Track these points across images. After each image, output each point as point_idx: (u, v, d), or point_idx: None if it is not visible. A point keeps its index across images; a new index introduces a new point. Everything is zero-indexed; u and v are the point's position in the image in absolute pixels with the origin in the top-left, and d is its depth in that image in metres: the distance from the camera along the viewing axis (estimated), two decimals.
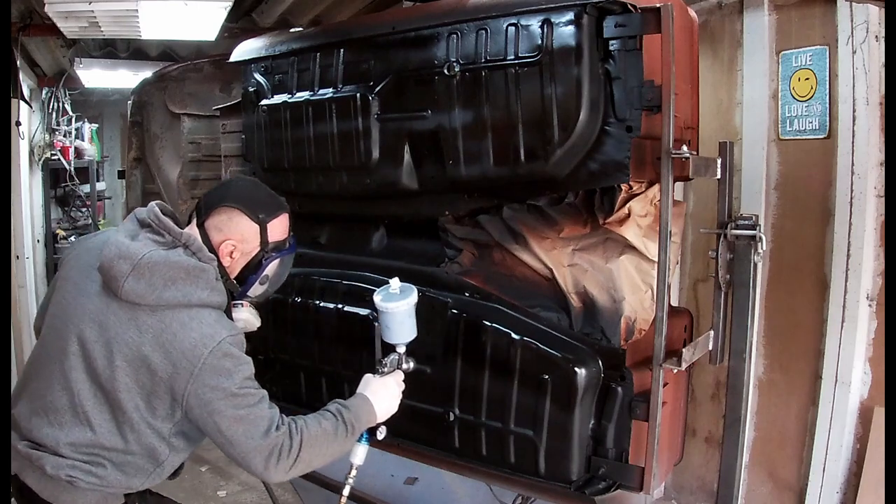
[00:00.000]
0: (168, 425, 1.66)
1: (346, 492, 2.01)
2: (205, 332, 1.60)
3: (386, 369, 1.98)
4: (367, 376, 1.96)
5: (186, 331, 1.59)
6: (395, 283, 2.02)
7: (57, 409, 1.65)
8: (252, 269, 1.82)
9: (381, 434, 1.95)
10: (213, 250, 1.73)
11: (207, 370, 1.58)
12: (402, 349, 2.02)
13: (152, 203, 1.77)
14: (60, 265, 1.83)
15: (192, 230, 1.75)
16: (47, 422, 1.66)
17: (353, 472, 1.99)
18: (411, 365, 2.03)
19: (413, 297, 1.99)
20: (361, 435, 1.90)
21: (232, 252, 1.76)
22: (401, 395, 1.96)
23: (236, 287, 1.82)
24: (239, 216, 1.76)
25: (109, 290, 1.63)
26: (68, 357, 1.65)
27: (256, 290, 1.88)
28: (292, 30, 3.08)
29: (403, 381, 2.00)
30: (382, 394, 1.90)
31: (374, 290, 2.03)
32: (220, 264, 1.74)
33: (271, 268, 1.86)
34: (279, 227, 1.83)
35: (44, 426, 1.66)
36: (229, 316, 1.76)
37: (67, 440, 1.62)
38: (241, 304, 1.90)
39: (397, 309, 1.97)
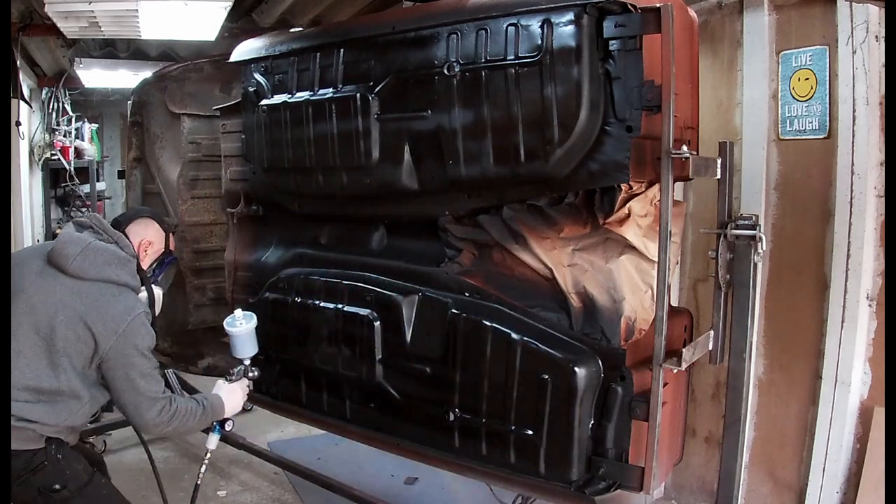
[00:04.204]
0: (90, 372, 2.17)
1: (202, 469, 2.65)
2: (129, 304, 2.22)
3: (233, 378, 2.56)
4: (220, 381, 2.56)
5: (116, 301, 2.20)
6: (238, 312, 2.64)
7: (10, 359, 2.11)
8: (156, 266, 2.51)
9: (229, 426, 2.55)
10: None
11: (129, 331, 2.16)
12: (247, 361, 2.61)
13: (91, 213, 2.29)
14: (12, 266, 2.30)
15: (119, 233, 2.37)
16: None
17: (209, 455, 2.63)
18: (256, 373, 2.61)
19: (252, 323, 2.61)
20: (214, 426, 2.54)
21: (147, 249, 2.44)
22: (245, 397, 2.58)
23: (146, 274, 2.43)
24: (154, 224, 2.50)
25: (56, 267, 2.20)
26: (17, 315, 2.15)
27: (156, 289, 2.48)
28: (292, 30, 3.08)
29: (248, 385, 2.60)
30: (230, 396, 2.51)
31: (376, 290, 2.05)
32: (137, 259, 2.36)
33: (166, 273, 2.56)
34: (173, 240, 2.58)
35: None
36: (149, 293, 2.42)
37: (14, 384, 2.07)
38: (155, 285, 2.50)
39: (239, 332, 2.60)
